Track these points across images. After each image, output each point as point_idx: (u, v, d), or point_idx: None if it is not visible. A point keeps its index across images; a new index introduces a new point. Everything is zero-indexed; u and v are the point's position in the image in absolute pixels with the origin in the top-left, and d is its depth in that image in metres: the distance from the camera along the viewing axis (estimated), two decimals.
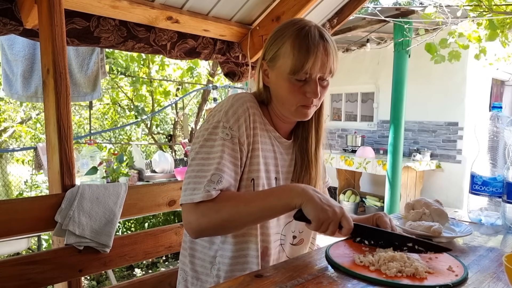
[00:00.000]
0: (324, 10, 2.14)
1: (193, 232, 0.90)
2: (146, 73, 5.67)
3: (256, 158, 0.99)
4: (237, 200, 0.91)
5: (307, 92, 0.96)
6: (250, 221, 0.93)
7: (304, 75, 0.95)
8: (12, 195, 4.42)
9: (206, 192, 0.87)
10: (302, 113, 1.00)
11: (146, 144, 6.80)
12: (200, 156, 0.93)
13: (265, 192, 0.95)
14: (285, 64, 0.95)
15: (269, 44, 1.00)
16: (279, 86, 0.99)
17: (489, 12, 3.62)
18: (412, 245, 0.90)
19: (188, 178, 0.92)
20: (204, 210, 0.88)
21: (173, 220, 3.85)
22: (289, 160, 1.10)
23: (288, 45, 0.95)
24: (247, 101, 0.99)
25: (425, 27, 4.49)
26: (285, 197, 0.87)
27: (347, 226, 0.86)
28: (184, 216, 0.91)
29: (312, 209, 0.84)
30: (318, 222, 0.84)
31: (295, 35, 0.95)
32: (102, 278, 3.36)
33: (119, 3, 1.55)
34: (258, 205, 0.89)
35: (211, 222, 0.88)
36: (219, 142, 0.93)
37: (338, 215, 0.85)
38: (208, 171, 0.90)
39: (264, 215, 0.92)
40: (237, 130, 0.95)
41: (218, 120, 0.96)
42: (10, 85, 2.64)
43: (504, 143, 1.21)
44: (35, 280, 1.16)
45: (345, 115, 6.87)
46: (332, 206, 0.85)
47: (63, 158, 1.26)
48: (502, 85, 6.12)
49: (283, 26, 1.00)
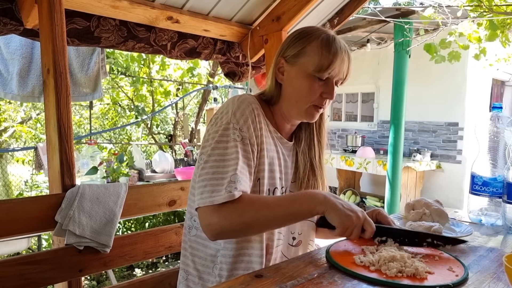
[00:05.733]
0: (325, 10, 2.14)
1: (213, 234, 0.89)
2: (147, 73, 5.67)
3: (262, 158, 1.00)
4: (260, 204, 0.91)
5: (324, 92, 1.01)
6: (272, 226, 0.95)
7: (327, 75, 0.99)
8: (12, 195, 4.42)
9: (228, 193, 0.86)
10: (311, 114, 1.03)
11: (146, 144, 6.80)
12: (214, 158, 0.92)
13: (287, 198, 0.95)
14: (310, 62, 0.98)
15: (292, 42, 1.03)
16: (297, 83, 1.01)
17: (490, 12, 3.62)
18: (431, 240, 0.95)
19: (204, 181, 0.90)
20: (226, 212, 0.87)
21: (173, 220, 3.85)
22: (290, 162, 1.11)
23: (316, 44, 0.98)
24: (251, 102, 1.00)
25: (426, 27, 4.49)
26: (308, 204, 0.88)
27: (370, 230, 0.89)
28: (204, 218, 0.89)
29: (336, 216, 0.86)
30: (343, 228, 0.86)
31: (324, 37, 0.99)
32: (102, 278, 3.36)
33: (120, 3, 1.55)
34: (281, 210, 0.89)
35: (233, 224, 0.88)
36: (232, 143, 0.93)
37: (361, 219, 0.87)
38: (226, 173, 0.89)
39: (286, 221, 0.93)
40: (246, 131, 0.95)
41: (228, 121, 0.95)
42: (4, 84, 2.57)
43: (505, 143, 1.21)
44: (35, 280, 1.16)
45: (346, 115, 6.87)
46: (355, 211, 0.88)
47: (63, 158, 1.26)
48: (502, 86, 6.12)
49: (308, 29, 1.04)
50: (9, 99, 2.96)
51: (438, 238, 0.96)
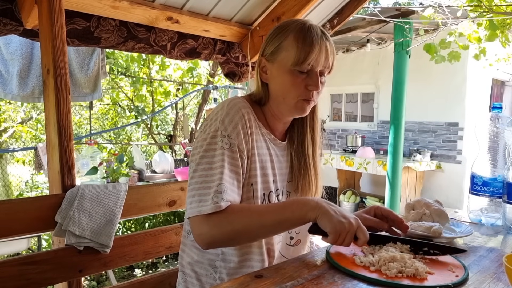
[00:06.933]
0: (324, 10, 2.14)
1: (205, 243, 0.89)
2: (147, 74, 5.67)
3: (254, 164, 0.99)
4: (250, 212, 0.90)
5: (308, 84, 0.98)
6: (263, 234, 0.93)
7: (307, 67, 0.96)
8: (13, 196, 4.41)
9: (214, 204, 0.86)
10: (301, 108, 1.01)
11: (146, 145, 6.80)
12: (202, 167, 0.92)
13: (278, 205, 0.94)
14: (288, 56, 0.96)
15: (269, 40, 1.02)
16: (280, 80, 1.00)
17: (489, 12, 3.62)
18: (428, 250, 0.90)
19: (193, 190, 0.91)
20: (216, 221, 0.87)
21: (173, 220, 3.85)
22: (285, 162, 1.10)
23: (291, 38, 0.96)
24: (241, 107, 0.98)
25: (425, 27, 4.49)
26: (299, 211, 0.87)
27: (362, 238, 0.85)
28: (195, 228, 0.89)
29: (329, 222, 0.84)
30: (335, 234, 0.84)
31: (299, 29, 0.97)
32: (102, 278, 3.36)
33: (119, 3, 1.55)
34: (272, 218, 0.88)
35: (224, 233, 0.87)
36: (219, 151, 0.92)
37: (354, 226, 0.84)
38: (212, 182, 0.89)
39: (277, 228, 0.92)
40: (235, 137, 0.94)
41: (216, 129, 0.94)
42: (4, 84, 2.57)
43: (504, 143, 1.21)
44: (35, 280, 1.16)
45: (345, 116, 6.86)
46: (348, 218, 0.85)
47: (63, 158, 1.26)
48: (502, 86, 6.12)
49: (283, 23, 1.02)
50: (9, 100, 2.96)
51: (435, 248, 0.91)
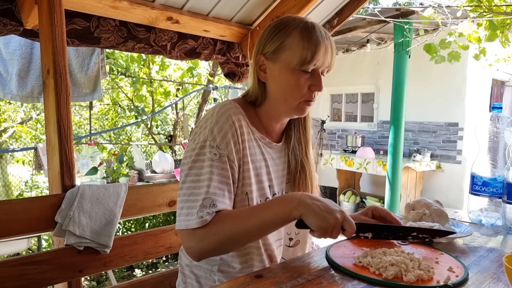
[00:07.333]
0: (324, 10, 2.14)
1: (195, 256, 0.89)
2: (147, 74, 5.67)
3: (247, 172, 0.96)
4: (233, 219, 0.88)
5: (311, 85, 0.95)
6: (250, 238, 0.91)
7: (312, 67, 0.93)
8: (12, 196, 4.41)
9: (199, 218, 0.85)
10: (302, 109, 0.99)
11: (146, 145, 6.79)
12: (190, 178, 0.90)
13: (261, 207, 0.91)
14: (292, 56, 0.93)
15: (270, 37, 0.97)
16: (282, 80, 0.96)
17: (489, 12, 3.62)
18: (417, 234, 0.91)
19: (181, 202, 0.90)
20: (202, 234, 0.86)
21: (173, 220, 3.85)
22: (282, 164, 1.08)
23: (296, 36, 0.92)
24: (232, 114, 0.94)
25: (425, 27, 4.49)
26: (283, 211, 0.84)
27: (349, 230, 0.84)
28: (184, 241, 0.90)
29: (314, 219, 0.82)
30: (321, 230, 0.82)
31: (303, 27, 0.93)
32: (102, 278, 3.36)
33: (119, 3, 1.55)
34: (255, 221, 0.86)
35: (210, 245, 0.86)
36: (207, 163, 0.90)
37: (339, 220, 0.83)
38: (199, 195, 0.87)
39: (263, 231, 0.90)
40: (225, 147, 0.91)
41: (205, 139, 0.91)
42: (3, 84, 2.56)
43: (504, 143, 1.21)
44: (35, 281, 1.16)
45: (345, 116, 6.87)
46: (333, 212, 0.83)
47: (63, 158, 1.26)
48: (502, 86, 6.12)
49: (282, 20, 0.97)
50: (8, 100, 2.96)
51: (423, 231, 0.93)
